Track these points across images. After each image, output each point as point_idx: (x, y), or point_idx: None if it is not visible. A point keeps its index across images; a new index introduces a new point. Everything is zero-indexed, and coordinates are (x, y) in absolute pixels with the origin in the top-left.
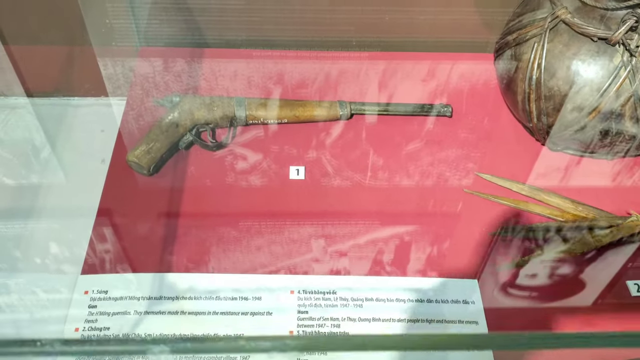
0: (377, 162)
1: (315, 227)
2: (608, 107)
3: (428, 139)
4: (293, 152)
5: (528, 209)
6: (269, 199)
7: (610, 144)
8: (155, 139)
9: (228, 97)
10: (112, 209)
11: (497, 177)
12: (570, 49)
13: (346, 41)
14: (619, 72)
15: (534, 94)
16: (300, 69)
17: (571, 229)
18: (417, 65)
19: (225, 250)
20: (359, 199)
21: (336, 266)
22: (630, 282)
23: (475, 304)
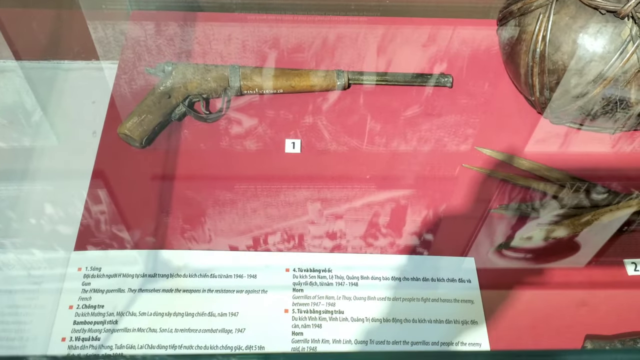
0: (374, 132)
1: (311, 192)
2: (614, 82)
3: (427, 110)
4: (289, 119)
5: (528, 185)
6: (264, 170)
7: (615, 120)
8: (148, 111)
9: (222, 65)
10: (105, 182)
11: (496, 151)
12: (577, 22)
13: (345, 5)
14: (626, 46)
15: (537, 68)
16: (296, 34)
17: (570, 199)
18: (417, 31)
19: (219, 222)
20: (355, 169)
21: (330, 242)
22: (628, 261)
23: (472, 283)
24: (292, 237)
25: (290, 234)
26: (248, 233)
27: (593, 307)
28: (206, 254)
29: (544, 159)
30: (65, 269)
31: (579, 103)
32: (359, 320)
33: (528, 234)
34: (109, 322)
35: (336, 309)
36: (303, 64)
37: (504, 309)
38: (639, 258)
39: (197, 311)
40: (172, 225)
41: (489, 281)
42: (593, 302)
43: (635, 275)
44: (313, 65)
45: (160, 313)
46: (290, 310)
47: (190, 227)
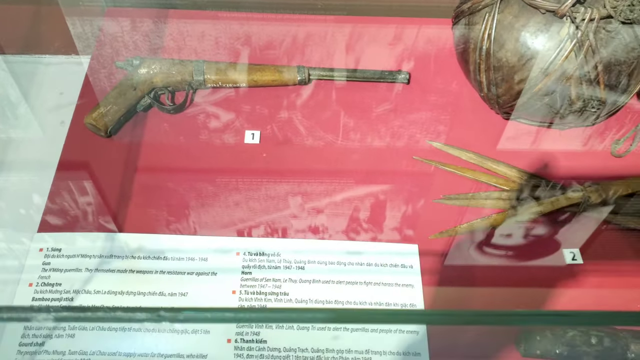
0: (332, 125)
1: (267, 181)
2: (554, 79)
3: (385, 105)
4: (250, 114)
5: (474, 177)
6: (223, 160)
7: (560, 116)
8: (113, 102)
9: (188, 60)
10: (70, 169)
11: (447, 145)
12: (519, 21)
13: (312, 4)
14: (565, 44)
15: (484, 64)
16: (265, 32)
17: (513, 195)
18: (382, 29)
19: (177, 208)
20: (313, 161)
21: (282, 225)
22: (566, 250)
23: (413, 268)
24: (245, 223)
25: (244, 221)
26: (204, 219)
27: (530, 296)
28: (161, 238)
29: (494, 154)
30: (28, 249)
31: (523, 99)
32: (302, 302)
33: (469, 223)
34: (65, 300)
35: (281, 291)
36: (270, 61)
37: (442, 294)
38: (576, 248)
39: (148, 291)
40: (131, 210)
41: (430, 267)
42: (531, 288)
43: (573, 263)
44: (284, 61)
45: (114, 292)
46: (237, 291)
47: (148, 212)
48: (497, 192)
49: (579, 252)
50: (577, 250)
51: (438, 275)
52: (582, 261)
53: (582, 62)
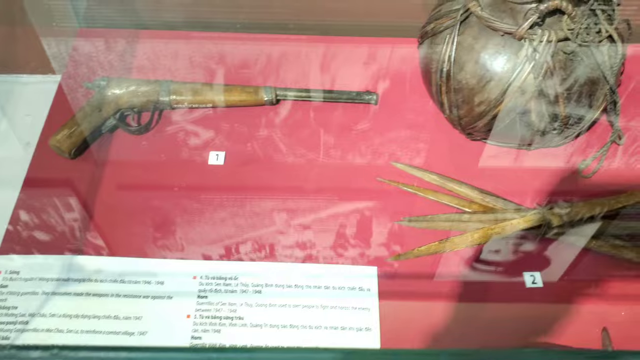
0: (298, 148)
1: (229, 203)
2: (513, 101)
3: (352, 126)
4: (213, 136)
5: (436, 199)
6: (188, 180)
7: (522, 137)
8: (78, 123)
9: (155, 80)
10: (34, 190)
11: (410, 166)
12: (479, 43)
13: (283, 24)
14: (523, 66)
15: (444, 86)
16: (234, 52)
17: (474, 218)
18: (354, 49)
19: (137, 229)
20: (275, 182)
21: (241, 247)
22: (527, 274)
23: (371, 291)
24: (205, 246)
25: (204, 243)
26: (163, 240)
27: (491, 319)
28: (120, 260)
29: (460, 174)
30: None
31: (484, 121)
32: (257, 326)
33: (428, 246)
34: (20, 323)
35: (237, 315)
36: (243, 79)
37: (400, 318)
38: (537, 271)
39: (104, 314)
40: (92, 233)
41: (388, 289)
42: (491, 313)
43: (533, 287)
44: (254, 81)
45: (69, 315)
46: (192, 315)
47: (109, 234)
48: (457, 214)
49: (540, 275)
50: (537, 273)
51: (396, 298)
52: (542, 284)
53: (540, 84)
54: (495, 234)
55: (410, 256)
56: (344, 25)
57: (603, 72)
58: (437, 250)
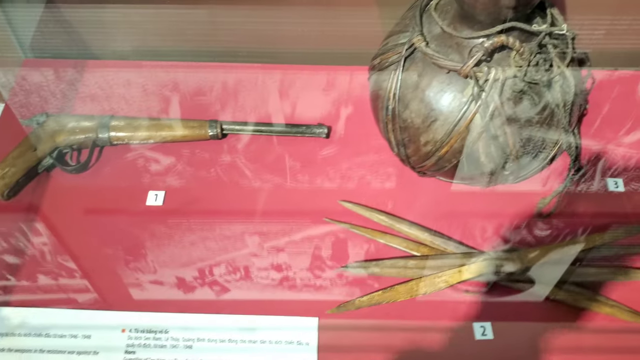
0: (242, 187)
1: (162, 249)
2: (459, 142)
3: (301, 161)
4: (154, 175)
5: (384, 241)
6: (123, 225)
7: (471, 177)
8: (11, 164)
9: (95, 116)
10: None
11: (359, 205)
12: (424, 80)
13: (234, 52)
14: (469, 106)
15: (390, 124)
16: (184, 82)
17: (422, 264)
18: (304, 78)
19: (69, 279)
20: (210, 233)
21: (170, 301)
22: (477, 324)
23: (310, 345)
24: (132, 296)
25: (135, 292)
26: (94, 289)
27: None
28: (45, 312)
29: (412, 213)
30: None
31: (432, 161)
32: None
33: (370, 295)
34: None
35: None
36: (184, 114)
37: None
38: (488, 321)
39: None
40: (20, 281)
41: (329, 343)
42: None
43: (483, 339)
44: (199, 114)
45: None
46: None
47: (37, 283)
48: (403, 259)
49: (491, 326)
50: (488, 324)
51: (337, 353)
52: (493, 337)
53: (487, 124)
54: (441, 282)
55: (350, 307)
56: (298, 53)
57: (555, 110)
58: (379, 301)
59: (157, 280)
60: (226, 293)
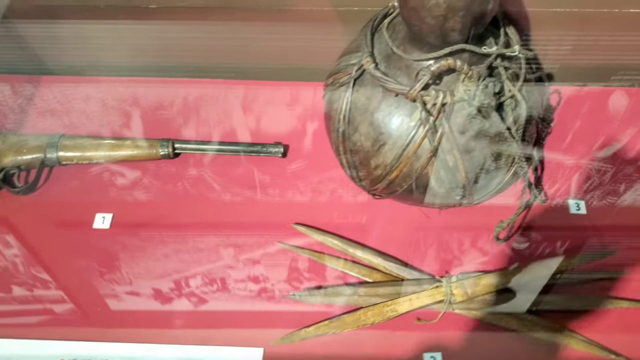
0: (194, 211)
1: (105, 281)
2: (409, 167)
3: (257, 181)
4: (100, 196)
5: (335, 266)
6: (70, 249)
7: (421, 201)
8: None
9: (44, 135)
10: None
11: (312, 228)
12: (372, 103)
13: (197, 67)
14: (417, 130)
15: (342, 146)
16: (140, 98)
17: (371, 291)
18: (267, 94)
19: (7, 305)
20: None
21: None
22: (427, 355)
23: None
24: (73, 323)
25: (77, 321)
26: (34, 319)
27: None
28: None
29: (366, 237)
30: None
31: (383, 184)
32: None
33: (317, 325)
34: None
35: None
36: (137, 134)
37: None
38: (438, 352)
39: None
40: None
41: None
42: None
43: None
44: (143, 135)
45: None
46: None
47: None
48: (352, 287)
49: (441, 356)
50: (439, 354)
51: None
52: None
53: (436, 149)
54: (390, 311)
55: (295, 339)
56: (261, 69)
57: (507, 133)
58: (326, 332)
59: (98, 308)
60: (169, 322)
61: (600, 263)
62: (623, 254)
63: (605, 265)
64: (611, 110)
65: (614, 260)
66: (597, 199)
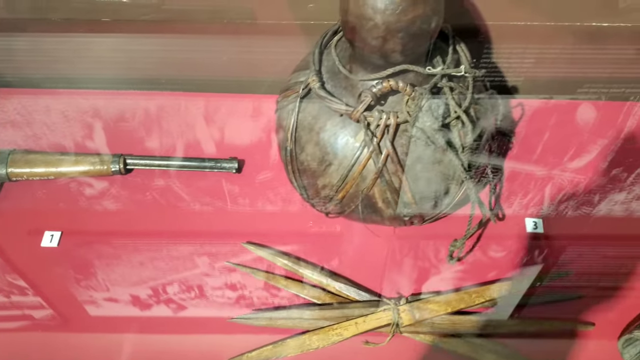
0: (148, 225)
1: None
2: (355, 188)
3: (209, 198)
4: (51, 211)
5: (285, 287)
6: (21, 266)
7: (370, 221)
8: None
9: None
10: None
11: (262, 248)
12: (318, 123)
13: (155, 79)
14: (362, 151)
15: (290, 166)
16: (96, 111)
17: (317, 314)
18: (228, 105)
19: None
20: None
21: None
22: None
23: None
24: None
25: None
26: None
27: None
28: None
29: (317, 256)
30: None
31: (332, 204)
32: None
33: (259, 350)
34: None
35: None
36: (90, 148)
37: None
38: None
39: None
40: None
41: None
42: None
43: None
44: (112, 148)
45: None
46: None
47: None
48: (299, 309)
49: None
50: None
51: None
52: None
53: (381, 170)
54: (336, 335)
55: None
56: (221, 81)
57: (452, 154)
58: (269, 356)
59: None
60: (116, 345)
61: (555, 284)
62: (578, 276)
63: (560, 287)
64: (579, 123)
65: (569, 282)
66: (556, 218)
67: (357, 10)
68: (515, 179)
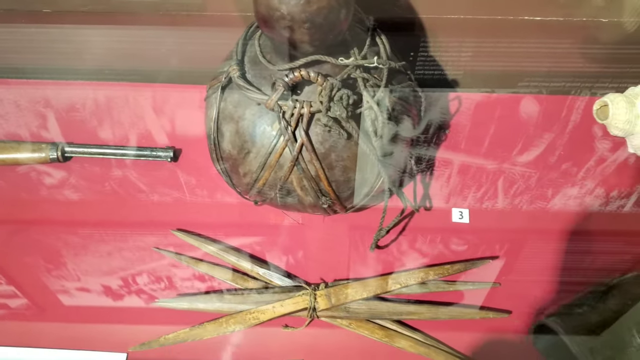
0: (85, 214)
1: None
2: (273, 175)
3: (142, 185)
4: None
5: (210, 272)
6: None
7: (293, 209)
8: None
9: None
10: None
11: (189, 235)
12: (238, 111)
13: (99, 70)
14: (279, 140)
15: (214, 153)
16: (34, 99)
17: (236, 299)
18: (170, 98)
19: None
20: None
21: None
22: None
23: None
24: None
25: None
26: None
27: None
28: None
29: (249, 245)
30: None
31: (254, 192)
32: None
33: (176, 333)
34: None
35: None
36: (27, 136)
37: None
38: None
39: None
40: None
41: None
42: None
43: None
44: (52, 135)
45: None
46: None
47: None
48: (218, 294)
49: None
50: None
51: None
52: None
53: (296, 158)
54: (253, 319)
55: (154, 345)
56: (165, 72)
57: (366, 144)
58: (185, 339)
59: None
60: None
61: (472, 272)
62: (498, 264)
63: (478, 275)
64: (522, 116)
65: (488, 271)
66: (482, 209)
67: (265, 1)
68: (447, 170)
